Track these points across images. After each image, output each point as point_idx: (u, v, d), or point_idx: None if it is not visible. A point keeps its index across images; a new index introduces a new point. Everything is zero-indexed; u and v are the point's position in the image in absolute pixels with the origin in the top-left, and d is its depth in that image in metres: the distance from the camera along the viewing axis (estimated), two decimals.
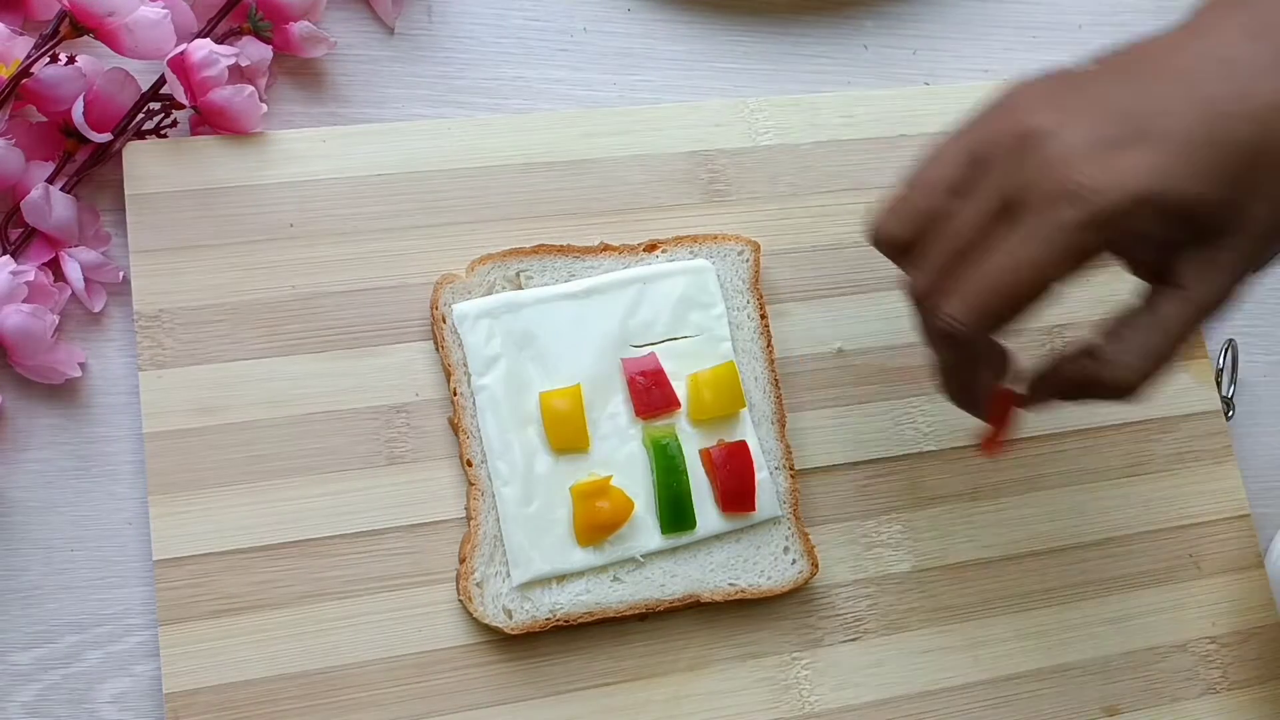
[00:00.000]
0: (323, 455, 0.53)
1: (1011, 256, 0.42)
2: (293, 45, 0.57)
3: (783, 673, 0.55)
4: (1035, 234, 0.42)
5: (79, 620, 0.51)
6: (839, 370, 0.58)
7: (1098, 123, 0.42)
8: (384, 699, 0.51)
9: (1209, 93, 0.42)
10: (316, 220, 0.55)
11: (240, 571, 0.51)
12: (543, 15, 0.62)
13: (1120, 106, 0.42)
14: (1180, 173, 0.41)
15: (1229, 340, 0.65)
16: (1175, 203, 0.41)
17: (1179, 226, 0.42)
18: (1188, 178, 0.41)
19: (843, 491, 0.57)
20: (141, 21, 0.52)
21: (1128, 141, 0.41)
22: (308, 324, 0.54)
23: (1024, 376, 0.48)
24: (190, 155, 0.55)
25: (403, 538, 0.53)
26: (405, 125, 0.57)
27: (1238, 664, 0.59)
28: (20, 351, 0.51)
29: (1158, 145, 0.41)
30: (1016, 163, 0.43)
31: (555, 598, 0.52)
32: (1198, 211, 0.42)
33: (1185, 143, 0.41)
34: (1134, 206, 0.41)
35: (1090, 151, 0.41)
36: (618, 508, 0.52)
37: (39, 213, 0.52)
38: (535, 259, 0.56)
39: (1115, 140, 0.41)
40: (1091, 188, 0.41)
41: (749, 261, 0.58)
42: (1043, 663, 0.57)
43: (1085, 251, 0.42)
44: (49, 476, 0.52)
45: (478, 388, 0.53)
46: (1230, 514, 0.61)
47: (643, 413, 0.54)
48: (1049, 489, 0.59)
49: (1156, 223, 0.42)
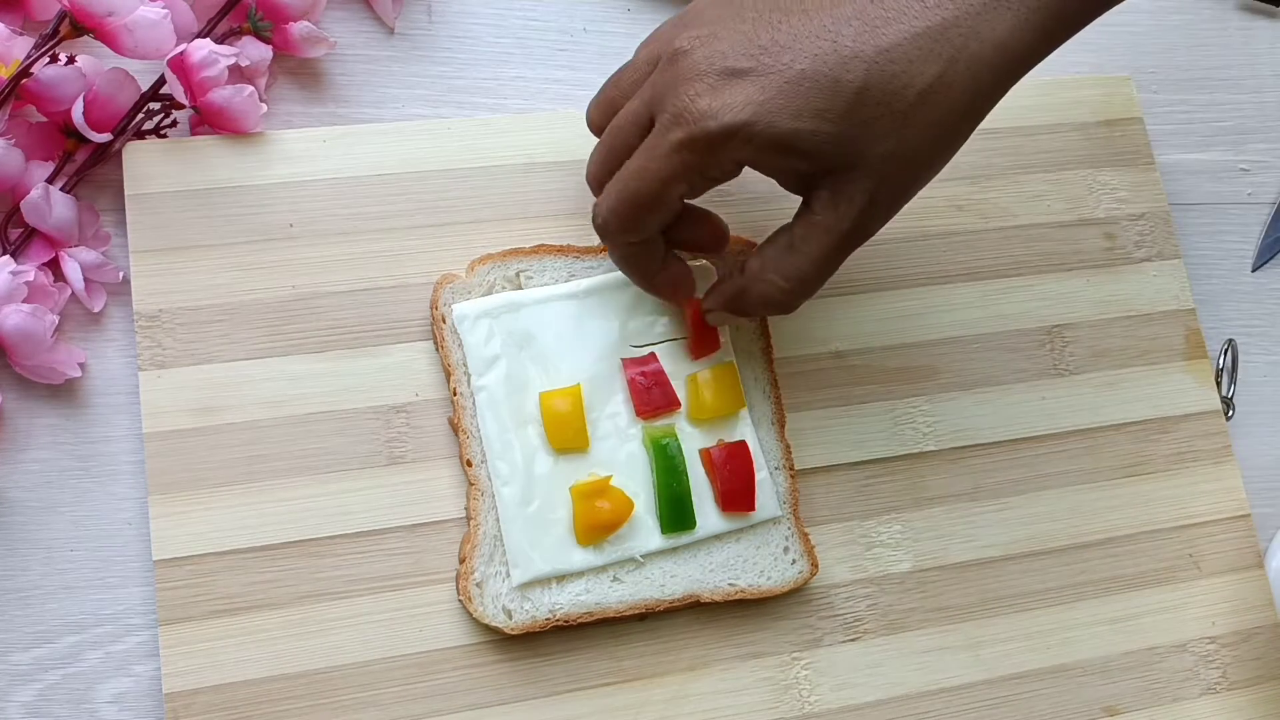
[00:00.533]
0: (323, 455, 0.53)
1: (633, 166, 0.47)
2: (293, 45, 0.57)
3: (783, 673, 0.55)
4: (651, 148, 0.46)
5: (79, 620, 0.51)
6: (838, 370, 0.58)
7: (729, 51, 0.45)
8: (384, 699, 0.51)
9: (836, 34, 0.44)
10: (316, 220, 0.55)
11: (240, 571, 0.51)
12: (543, 15, 0.62)
13: (755, 38, 0.45)
14: (780, 108, 0.44)
15: (1229, 340, 0.65)
16: (770, 137, 0.44)
17: (796, 157, 0.45)
18: (787, 114, 0.44)
19: (843, 491, 0.57)
20: (141, 21, 0.52)
21: (743, 74, 0.44)
22: (308, 324, 0.54)
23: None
24: (190, 155, 0.55)
25: (403, 538, 0.52)
26: (405, 125, 0.57)
27: (1238, 664, 0.59)
28: (20, 351, 0.51)
29: (767, 80, 0.44)
30: (659, 75, 0.46)
31: (555, 598, 0.52)
32: (800, 146, 0.44)
33: (795, 80, 0.44)
34: (728, 136, 0.44)
35: (708, 78, 0.44)
36: (618, 508, 0.52)
37: (39, 213, 0.52)
38: (535, 259, 0.56)
39: (733, 71, 0.44)
40: (696, 113, 0.44)
41: None
42: (1043, 663, 0.57)
43: (693, 169, 0.45)
44: (49, 476, 0.52)
45: (477, 388, 0.53)
46: (1230, 514, 0.61)
47: (643, 413, 0.54)
48: (1049, 489, 0.59)
49: (762, 153, 0.45)
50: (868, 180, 0.46)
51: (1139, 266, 0.63)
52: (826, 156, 0.45)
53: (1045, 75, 0.66)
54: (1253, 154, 0.69)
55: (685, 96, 0.45)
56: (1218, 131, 0.69)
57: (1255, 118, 0.69)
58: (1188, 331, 0.63)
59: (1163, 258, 0.63)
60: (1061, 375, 0.61)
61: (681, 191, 0.47)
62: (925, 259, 0.61)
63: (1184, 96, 0.69)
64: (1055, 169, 0.63)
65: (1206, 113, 0.69)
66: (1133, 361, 0.62)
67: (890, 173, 0.46)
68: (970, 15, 0.44)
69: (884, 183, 0.46)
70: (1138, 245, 0.63)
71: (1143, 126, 0.65)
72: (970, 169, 0.62)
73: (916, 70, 0.44)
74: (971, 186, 0.62)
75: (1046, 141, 0.64)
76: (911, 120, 0.44)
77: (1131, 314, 0.62)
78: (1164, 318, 0.63)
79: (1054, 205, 0.63)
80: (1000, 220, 0.62)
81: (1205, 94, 0.69)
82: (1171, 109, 0.68)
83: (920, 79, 0.44)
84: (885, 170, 0.46)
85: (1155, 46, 0.69)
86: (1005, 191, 0.62)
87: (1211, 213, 0.67)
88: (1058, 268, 0.62)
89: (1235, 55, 0.70)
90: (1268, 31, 0.71)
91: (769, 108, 0.44)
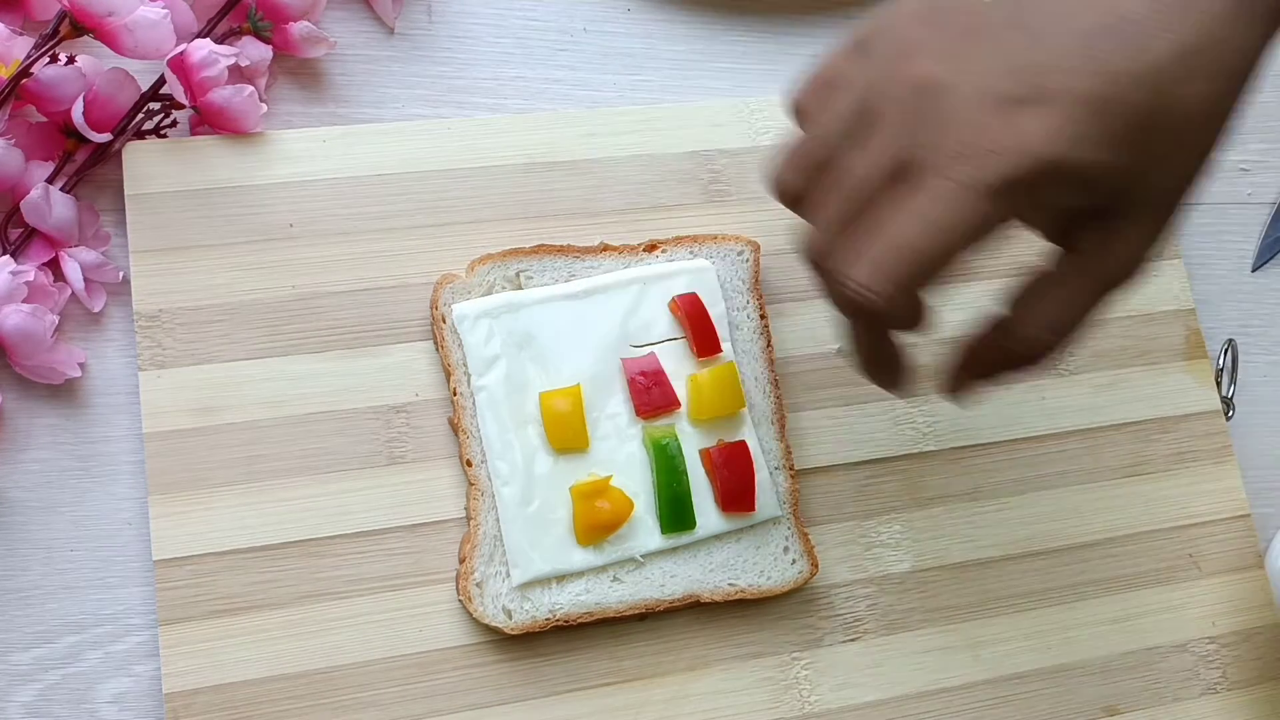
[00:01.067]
0: (323, 455, 0.53)
1: (918, 220, 0.39)
2: (293, 45, 0.57)
3: (783, 673, 0.55)
4: (940, 197, 0.39)
5: (79, 620, 0.51)
6: (839, 370, 0.58)
7: (994, 76, 0.39)
8: (384, 699, 0.51)
9: (1102, 49, 0.39)
10: (316, 220, 0.55)
11: (240, 571, 0.51)
12: (543, 15, 0.62)
13: (1015, 58, 0.40)
14: (1083, 136, 0.39)
15: (1229, 340, 0.65)
16: (1079, 169, 0.39)
17: (1081, 193, 0.40)
18: (1090, 142, 0.39)
19: (843, 491, 0.57)
20: (141, 21, 0.52)
21: (1028, 100, 0.39)
22: (308, 324, 0.54)
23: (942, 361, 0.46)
24: (190, 155, 0.55)
25: (403, 538, 0.53)
26: (405, 125, 0.57)
27: (1238, 664, 0.59)
28: (20, 351, 0.51)
29: (1059, 106, 0.39)
30: (913, 117, 0.40)
31: (555, 598, 0.52)
32: (1098, 178, 0.40)
33: (1085, 105, 0.39)
34: (1041, 171, 0.39)
35: (991, 110, 0.39)
36: (618, 508, 0.52)
37: (39, 213, 0.52)
38: (535, 259, 0.56)
39: (1016, 98, 0.39)
40: (997, 150, 0.38)
41: (749, 261, 0.58)
42: (1043, 663, 0.57)
43: (992, 216, 0.39)
44: (49, 476, 0.52)
45: (477, 388, 0.53)
46: (1230, 514, 0.61)
47: (643, 413, 0.54)
48: (1049, 489, 0.59)
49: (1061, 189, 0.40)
50: (1148, 214, 0.41)
51: None
52: (1115, 189, 0.40)
53: None
54: (1253, 154, 0.69)
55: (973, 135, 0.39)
56: None
57: (1254, 118, 0.69)
58: (1188, 331, 0.63)
59: (1163, 258, 0.63)
60: (1061, 375, 0.61)
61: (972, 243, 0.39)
62: None
63: None
64: None
65: None
66: (1133, 361, 0.62)
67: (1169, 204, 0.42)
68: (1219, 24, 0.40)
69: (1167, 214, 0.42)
70: None
71: None
72: None
73: (1191, 90, 0.39)
74: None
75: None
76: (1188, 145, 0.41)
77: (1131, 314, 0.62)
78: (1164, 318, 0.63)
79: None
80: None
81: None
82: None
83: (1194, 100, 0.40)
84: (1164, 202, 0.42)
85: None
86: None
87: (1211, 213, 0.67)
88: None
89: None
90: None
91: (1075, 136, 0.38)
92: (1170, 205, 0.42)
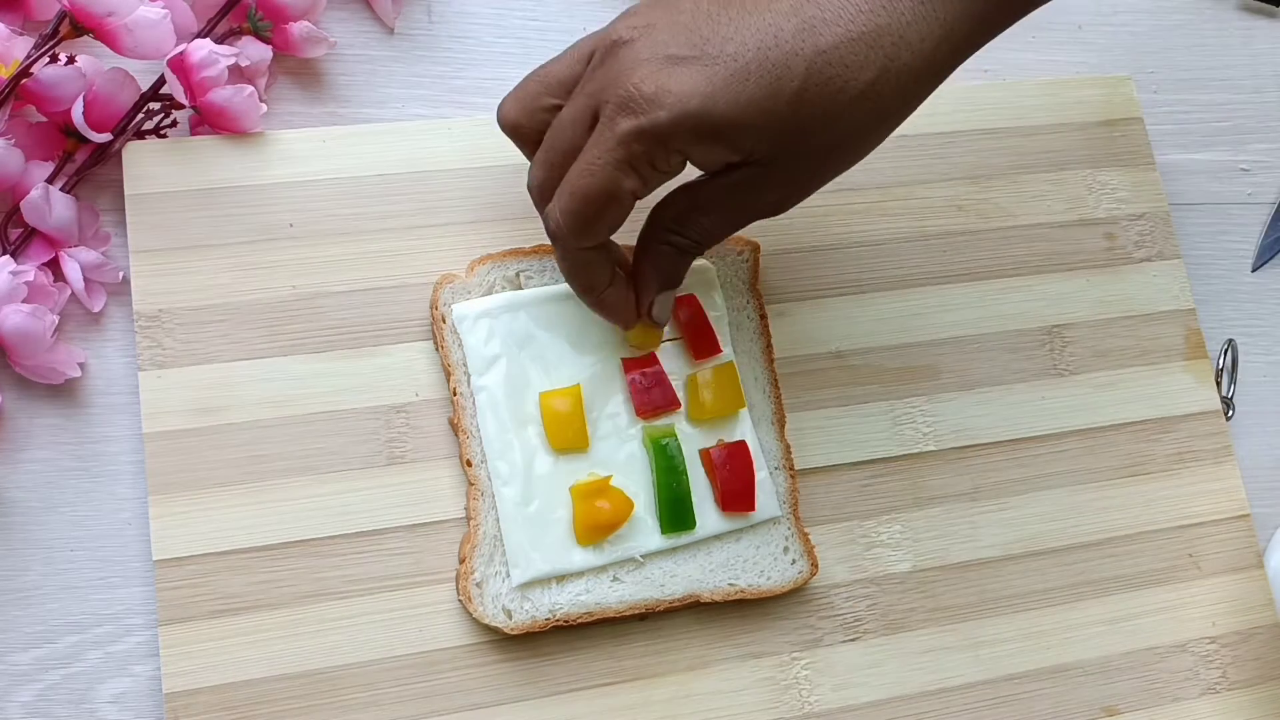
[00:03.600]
0: (323, 455, 0.53)
1: (583, 162, 0.45)
2: (293, 45, 0.57)
3: (783, 673, 0.55)
4: (599, 141, 0.44)
5: (79, 620, 0.51)
6: (838, 370, 0.58)
7: (672, 39, 0.44)
8: (384, 699, 0.51)
9: (779, 27, 0.44)
10: (316, 220, 0.55)
11: (240, 571, 0.51)
12: (543, 15, 0.62)
13: (696, 29, 0.44)
14: (727, 98, 0.43)
15: (1229, 340, 0.65)
16: (716, 125, 0.44)
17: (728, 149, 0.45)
18: (734, 104, 0.43)
19: (843, 491, 0.57)
20: (141, 21, 0.52)
21: (687, 61, 0.44)
22: (308, 324, 0.54)
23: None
24: (190, 155, 0.55)
25: (403, 538, 0.53)
26: (405, 125, 0.57)
27: (1237, 664, 0.59)
28: (20, 351, 0.51)
29: (712, 70, 0.43)
30: (598, 68, 0.46)
31: (555, 598, 0.52)
32: (740, 138, 0.44)
33: (738, 69, 0.43)
34: (676, 124, 0.43)
35: (656, 65, 0.44)
36: (618, 508, 0.52)
37: (39, 213, 0.52)
38: (535, 259, 0.56)
39: (676, 58, 0.44)
40: (644, 100, 0.43)
41: (749, 261, 0.58)
42: (1043, 663, 0.57)
43: (644, 159, 0.44)
44: (49, 476, 0.52)
45: (477, 388, 0.53)
46: (1230, 514, 0.61)
47: (643, 413, 0.54)
48: (1049, 489, 0.59)
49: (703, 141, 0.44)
50: (791, 171, 0.47)
51: (1139, 266, 0.63)
52: (759, 150, 0.45)
53: (1046, 75, 0.66)
54: (1253, 154, 0.69)
55: (629, 84, 0.44)
56: (1218, 131, 0.69)
57: (1255, 118, 0.69)
58: (1188, 331, 0.63)
59: (1163, 258, 0.63)
60: (1061, 375, 0.61)
61: (634, 186, 0.45)
62: (925, 259, 0.61)
63: (1184, 96, 0.69)
64: (1055, 169, 0.63)
65: (1206, 113, 0.69)
66: (1132, 361, 0.62)
67: (814, 166, 0.47)
68: (901, 25, 0.44)
69: (804, 174, 0.47)
70: (1138, 245, 0.63)
71: (1143, 126, 0.65)
72: (970, 169, 0.62)
73: (852, 75, 0.44)
74: (971, 186, 0.62)
75: (1046, 141, 0.64)
76: (842, 121, 0.45)
77: (1131, 314, 0.62)
78: (1164, 318, 0.63)
79: (1054, 205, 0.63)
80: (1000, 220, 0.62)
81: (1205, 94, 0.69)
82: (1171, 109, 0.68)
83: (855, 84, 0.44)
84: (810, 164, 0.47)
85: (1155, 46, 0.69)
86: (1005, 191, 0.62)
87: (1211, 213, 0.67)
88: (1058, 268, 0.62)
89: (1235, 55, 0.70)
90: (1268, 31, 0.71)
91: (716, 97, 0.43)
92: (817, 164, 0.47)
